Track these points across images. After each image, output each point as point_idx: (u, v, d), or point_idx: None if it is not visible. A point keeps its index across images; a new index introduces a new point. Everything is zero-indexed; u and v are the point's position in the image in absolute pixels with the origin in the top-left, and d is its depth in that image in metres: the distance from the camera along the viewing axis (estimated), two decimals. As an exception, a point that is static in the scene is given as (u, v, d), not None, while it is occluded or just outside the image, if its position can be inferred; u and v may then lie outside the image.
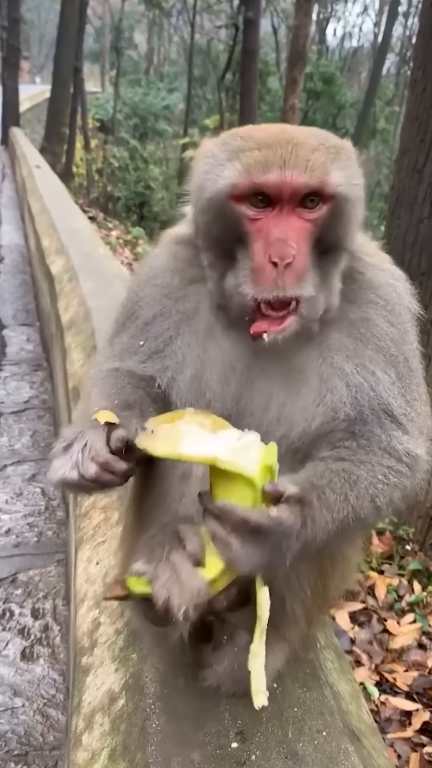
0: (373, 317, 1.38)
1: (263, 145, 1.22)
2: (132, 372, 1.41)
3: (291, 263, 1.18)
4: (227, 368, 1.38)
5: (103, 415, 1.21)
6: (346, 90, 29.36)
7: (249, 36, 13.80)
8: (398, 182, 4.98)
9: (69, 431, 1.22)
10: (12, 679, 2.64)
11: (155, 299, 1.44)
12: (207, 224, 1.31)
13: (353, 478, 1.26)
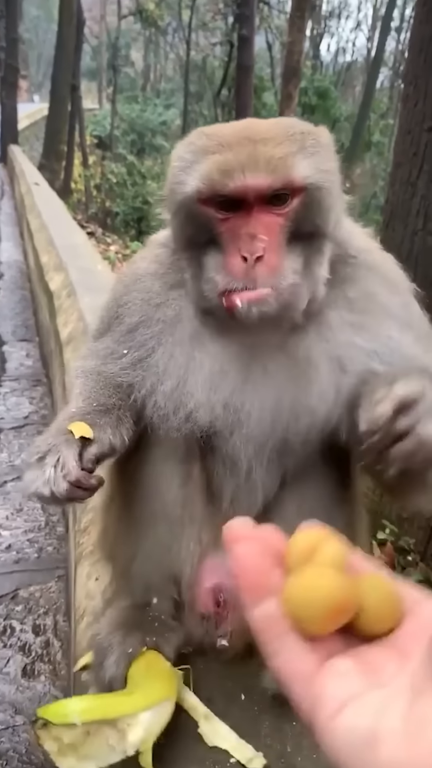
0: (373, 290, 1.35)
1: (225, 147, 1.20)
2: (113, 378, 1.40)
3: (262, 257, 1.17)
4: (216, 375, 1.35)
5: (78, 428, 1.22)
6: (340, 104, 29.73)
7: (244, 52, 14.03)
8: (392, 195, 5.02)
9: (43, 441, 1.23)
10: (13, 697, 2.63)
11: (137, 305, 1.42)
12: (180, 226, 1.32)
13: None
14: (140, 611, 1.47)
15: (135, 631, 1.39)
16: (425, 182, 4.55)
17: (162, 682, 1.28)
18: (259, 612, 0.66)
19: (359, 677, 0.62)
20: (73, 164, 23.65)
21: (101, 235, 16.54)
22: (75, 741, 1.13)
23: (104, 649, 1.37)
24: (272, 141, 1.20)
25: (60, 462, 1.17)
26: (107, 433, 1.27)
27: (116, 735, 1.16)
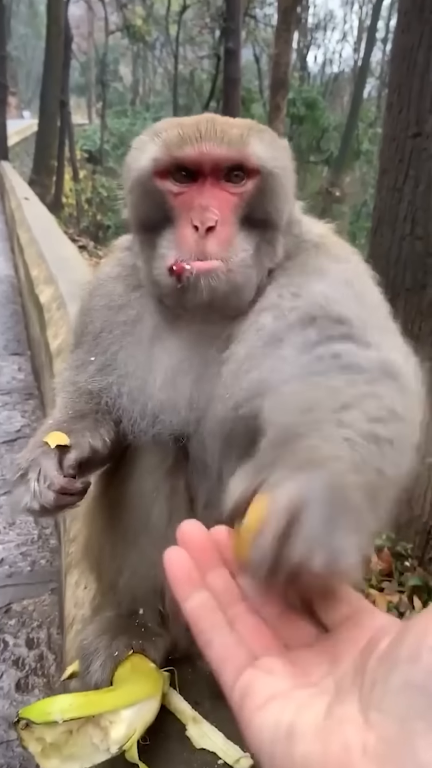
0: (315, 261, 1.33)
1: (184, 124, 1.24)
2: (85, 387, 1.41)
3: (213, 228, 1.18)
4: (175, 369, 1.34)
5: (53, 437, 1.23)
6: (328, 114, 29.95)
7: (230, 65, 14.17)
8: (380, 201, 5.07)
9: (23, 458, 1.23)
10: (7, 712, 2.61)
11: (99, 311, 1.43)
12: (135, 206, 1.32)
13: (347, 419, 1.00)
14: (126, 619, 1.47)
15: (121, 636, 1.39)
16: (411, 188, 4.60)
17: (146, 681, 1.27)
18: (191, 603, 0.73)
19: (287, 677, 0.66)
20: (64, 179, 23.78)
21: (93, 249, 16.59)
22: (58, 741, 1.12)
23: (90, 653, 1.36)
24: (228, 123, 1.25)
25: (41, 474, 1.18)
26: (86, 436, 1.28)
27: (99, 733, 1.15)
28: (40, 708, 1.14)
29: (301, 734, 0.59)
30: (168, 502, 1.41)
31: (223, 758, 1.24)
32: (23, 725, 1.12)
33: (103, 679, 1.31)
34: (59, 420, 1.32)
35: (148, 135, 1.28)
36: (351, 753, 0.55)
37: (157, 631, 1.44)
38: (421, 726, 0.52)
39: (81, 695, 1.22)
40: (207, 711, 1.34)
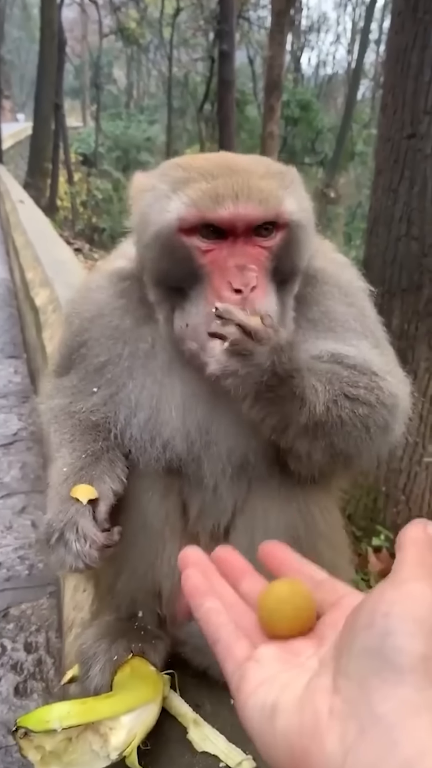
0: (332, 307, 1.38)
1: (208, 176, 1.19)
2: (86, 418, 1.39)
3: (256, 287, 1.17)
4: (189, 400, 1.35)
5: (82, 492, 1.23)
6: (323, 115, 30.02)
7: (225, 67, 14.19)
8: (375, 202, 5.07)
9: (54, 516, 1.22)
10: (6, 717, 2.59)
11: (104, 344, 1.39)
12: (154, 260, 1.27)
13: (335, 370, 1.28)
14: (125, 622, 1.46)
15: (120, 640, 1.38)
16: (407, 188, 4.60)
17: (145, 685, 1.26)
18: (203, 609, 0.81)
19: (278, 662, 0.73)
20: (59, 182, 23.77)
21: (88, 251, 16.56)
22: (57, 749, 1.11)
23: (89, 658, 1.36)
24: (256, 174, 1.20)
25: (80, 534, 1.19)
26: (106, 482, 1.29)
27: (99, 740, 1.14)
28: (39, 716, 1.13)
29: (282, 710, 0.64)
30: (163, 502, 1.41)
31: (225, 761, 1.23)
32: (22, 734, 1.11)
33: (103, 683, 1.31)
34: (75, 467, 1.31)
35: (169, 185, 1.22)
36: (319, 717, 0.60)
37: (156, 634, 1.44)
38: (375, 683, 0.57)
39: (79, 702, 1.21)
40: (208, 714, 1.33)
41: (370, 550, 4.66)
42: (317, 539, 1.39)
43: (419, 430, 4.47)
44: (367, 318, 1.43)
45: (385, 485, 4.66)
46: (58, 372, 1.51)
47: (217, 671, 1.35)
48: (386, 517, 4.76)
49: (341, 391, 1.25)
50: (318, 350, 1.33)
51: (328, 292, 1.39)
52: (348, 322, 1.38)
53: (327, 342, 1.35)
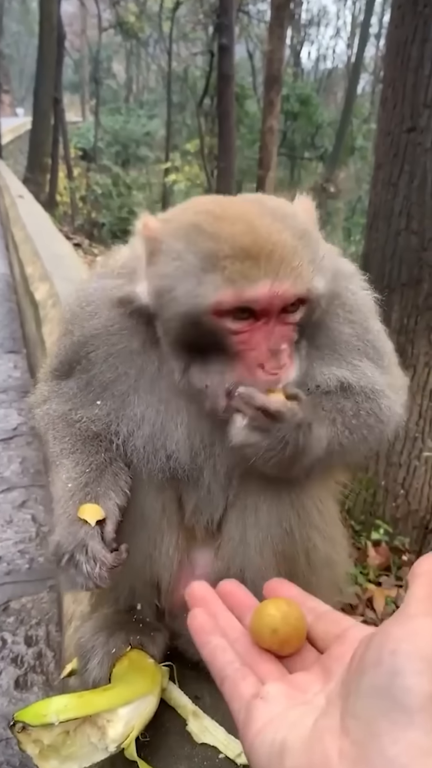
0: (336, 329, 1.39)
1: (241, 253, 1.15)
2: (88, 427, 1.39)
3: (285, 366, 1.21)
4: (195, 415, 1.35)
5: (89, 513, 1.24)
6: (322, 110, 29.97)
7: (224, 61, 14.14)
8: (375, 196, 5.06)
9: (63, 536, 1.23)
10: (6, 709, 2.60)
11: (111, 362, 1.38)
12: (176, 330, 1.25)
13: (339, 406, 1.34)
14: (124, 615, 1.47)
15: (118, 632, 1.39)
16: (406, 182, 4.59)
17: (143, 677, 1.27)
18: (209, 647, 0.83)
19: (285, 698, 0.73)
20: (58, 177, 23.69)
21: (88, 246, 16.55)
22: (55, 742, 1.12)
23: (87, 651, 1.36)
24: (286, 248, 1.17)
25: (90, 555, 1.20)
26: (112, 498, 1.29)
27: (97, 732, 1.14)
28: (36, 710, 1.13)
29: (290, 750, 0.64)
30: (159, 495, 1.42)
31: (224, 752, 1.24)
32: (19, 728, 1.11)
33: (101, 676, 1.31)
34: (80, 483, 1.31)
35: (199, 261, 1.17)
36: (329, 760, 0.60)
37: (155, 626, 1.44)
38: (385, 725, 0.57)
39: (76, 695, 1.21)
40: (207, 706, 1.34)
41: (369, 544, 4.67)
42: (311, 532, 1.39)
43: (418, 424, 4.48)
44: (369, 332, 1.44)
45: (385, 479, 4.67)
46: (55, 375, 1.49)
47: None
48: (385, 511, 4.77)
49: (345, 427, 1.33)
50: (323, 377, 1.36)
51: (333, 313, 1.38)
52: (350, 343, 1.40)
53: (331, 367, 1.37)
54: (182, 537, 1.47)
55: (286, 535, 1.36)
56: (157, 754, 1.22)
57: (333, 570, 1.47)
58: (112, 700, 1.19)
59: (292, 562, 1.37)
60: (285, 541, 1.36)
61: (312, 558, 1.39)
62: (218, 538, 1.47)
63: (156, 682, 1.27)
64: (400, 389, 1.48)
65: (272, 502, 1.38)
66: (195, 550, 1.51)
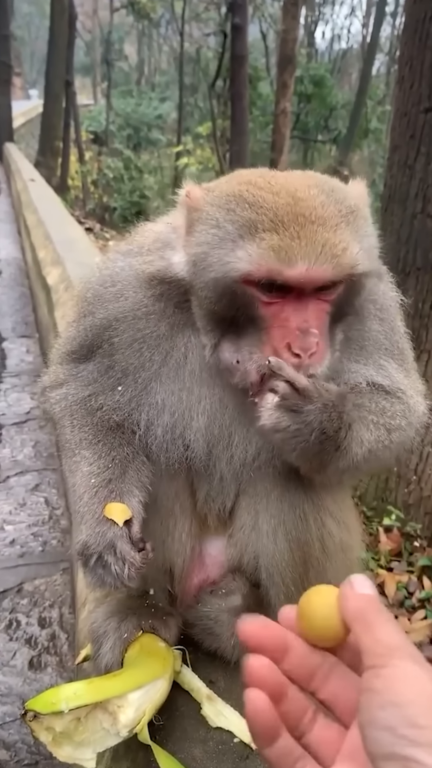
0: (367, 325, 1.38)
1: (279, 225, 1.11)
2: (109, 416, 1.37)
3: (315, 352, 1.16)
4: (216, 408, 1.34)
5: (117, 513, 1.23)
6: (336, 91, 29.50)
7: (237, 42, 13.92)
8: (390, 179, 4.98)
9: (92, 540, 1.21)
10: (20, 689, 2.63)
11: (137, 347, 1.35)
12: (210, 300, 1.22)
13: (379, 407, 1.32)
14: (136, 600, 1.47)
15: (130, 617, 1.39)
16: (423, 164, 4.51)
17: (153, 661, 1.27)
18: (272, 751, 0.74)
19: None
20: (69, 160, 23.58)
21: (100, 231, 16.50)
22: (68, 729, 1.12)
23: (99, 636, 1.37)
24: (330, 224, 1.13)
25: (119, 556, 1.20)
26: (136, 496, 1.28)
27: (108, 718, 1.15)
28: (46, 699, 1.14)
29: None
30: (172, 482, 1.43)
31: (239, 737, 1.24)
32: (31, 717, 1.12)
33: (114, 661, 1.31)
34: (103, 477, 1.29)
35: (236, 228, 1.14)
36: None
37: (168, 611, 1.44)
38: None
39: (86, 682, 1.22)
40: (222, 690, 1.34)
41: (380, 530, 4.66)
42: (325, 517, 1.38)
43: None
44: (396, 333, 1.43)
45: (397, 465, 4.64)
46: (72, 358, 1.46)
47: (226, 651, 1.36)
48: (397, 497, 4.75)
49: (385, 428, 1.31)
50: (354, 376, 1.35)
51: (365, 308, 1.36)
52: (379, 340, 1.39)
53: (359, 364, 1.36)
54: (195, 524, 1.47)
55: (300, 521, 1.35)
56: (171, 737, 1.23)
57: (347, 555, 1.46)
58: (121, 685, 1.19)
59: (307, 547, 1.37)
60: (299, 527, 1.35)
61: (326, 543, 1.38)
62: (230, 525, 1.46)
63: (167, 666, 1.28)
64: (421, 393, 1.46)
65: (284, 488, 1.37)
66: (208, 537, 1.51)
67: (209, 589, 1.47)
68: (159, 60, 51.43)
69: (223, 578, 1.47)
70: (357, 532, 1.51)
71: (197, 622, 1.42)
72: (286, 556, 1.35)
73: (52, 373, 1.51)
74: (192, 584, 1.46)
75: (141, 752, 1.21)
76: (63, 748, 1.14)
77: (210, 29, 28.60)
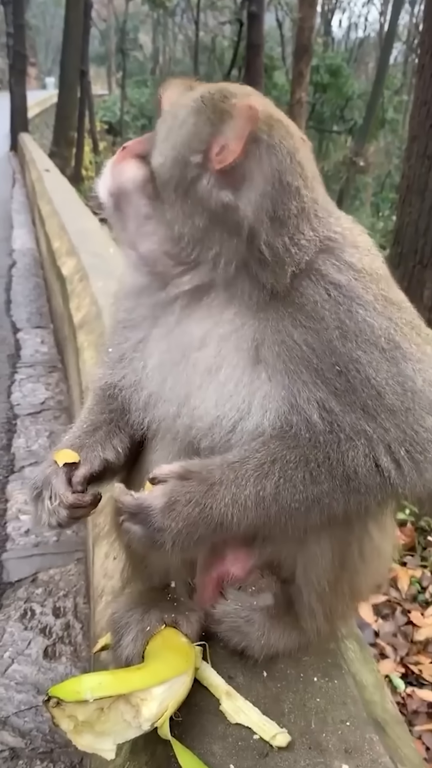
0: (321, 296, 1.20)
1: None
2: (107, 386, 1.46)
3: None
4: (177, 354, 1.31)
5: (61, 456, 1.33)
6: (353, 81, 29.17)
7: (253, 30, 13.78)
8: (408, 170, 4.92)
9: (37, 475, 1.32)
10: (35, 678, 2.65)
11: (125, 304, 1.45)
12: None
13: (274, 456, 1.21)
14: (158, 592, 1.46)
15: (153, 610, 1.38)
16: (442, 155, 4.46)
17: (177, 657, 1.26)
18: None
19: None
20: (84, 151, 23.55)
21: (114, 222, 16.45)
22: (90, 718, 1.12)
23: (121, 627, 1.36)
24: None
25: (53, 492, 1.28)
26: (97, 450, 1.37)
27: (131, 710, 1.14)
28: (70, 687, 1.13)
29: None
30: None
31: (259, 733, 1.23)
32: (54, 703, 1.12)
33: (135, 653, 1.31)
34: (74, 435, 1.41)
35: None
36: None
37: (190, 606, 1.43)
38: None
39: (110, 673, 1.21)
40: (241, 686, 1.33)
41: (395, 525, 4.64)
42: (369, 519, 1.34)
43: None
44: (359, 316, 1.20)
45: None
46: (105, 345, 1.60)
47: (254, 650, 1.34)
48: (412, 492, 4.73)
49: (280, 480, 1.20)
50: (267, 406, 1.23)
51: (323, 297, 1.20)
52: (312, 360, 1.19)
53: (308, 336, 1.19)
54: None
55: (346, 523, 1.30)
56: (190, 733, 1.22)
57: (381, 561, 1.43)
58: (146, 679, 1.18)
59: (347, 548, 1.34)
60: (343, 527, 1.31)
61: (365, 547, 1.35)
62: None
63: (190, 661, 1.27)
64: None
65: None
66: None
67: (237, 586, 1.45)
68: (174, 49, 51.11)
69: (250, 574, 1.45)
70: (392, 538, 1.47)
71: (225, 619, 1.40)
72: (327, 556, 1.33)
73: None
74: (211, 578, 1.45)
75: (160, 746, 1.21)
76: (83, 737, 1.13)
77: (225, 18, 28.32)
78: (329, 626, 1.44)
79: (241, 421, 1.23)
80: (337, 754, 1.21)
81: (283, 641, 1.40)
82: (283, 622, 1.40)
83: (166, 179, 1.20)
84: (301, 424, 1.20)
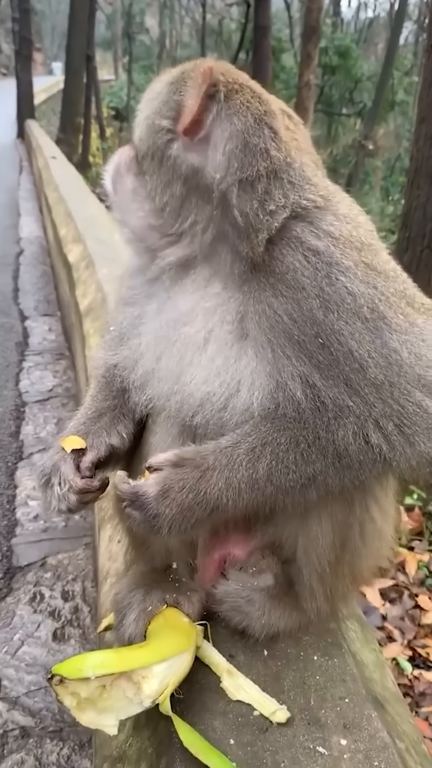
0: (301, 263, 1.18)
1: None
2: (111, 369, 1.47)
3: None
4: (170, 328, 1.32)
5: (69, 442, 1.35)
6: (362, 63, 28.74)
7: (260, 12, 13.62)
8: (417, 152, 4.87)
9: (46, 462, 1.35)
10: (45, 659, 2.69)
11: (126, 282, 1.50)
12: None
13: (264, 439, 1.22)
14: (160, 573, 1.48)
15: (155, 590, 1.40)
16: (451, 137, 4.40)
17: (178, 636, 1.28)
18: None
19: None
20: (90, 137, 23.43)
21: (121, 208, 16.39)
22: (92, 695, 1.15)
23: (124, 607, 1.39)
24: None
25: (62, 478, 1.31)
26: (102, 436, 1.40)
27: (132, 687, 1.17)
28: (73, 665, 1.16)
29: None
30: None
31: (259, 710, 1.25)
32: (57, 681, 1.14)
33: (137, 632, 1.33)
34: (79, 422, 1.43)
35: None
36: None
37: (192, 587, 1.45)
38: None
39: (112, 651, 1.24)
40: (242, 664, 1.35)
41: (402, 509, 4.65)
42: (370, 501, 1.36)
43: None
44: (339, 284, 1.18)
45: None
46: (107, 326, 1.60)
47: (255, 629, 1.37)
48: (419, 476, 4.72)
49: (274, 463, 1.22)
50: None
51: (304, 247, 1.18)
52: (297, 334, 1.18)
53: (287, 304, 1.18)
54: None
55: (346, 503, 1.32)
56: (191, 709, 1.24)
57: (381, 543, 1.44)
58: (147, 657, 1.21)
59: (348, 530, 1.35)
60: (344, 509, 1.33)
61: (366, 528, 1.37)
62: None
63: (191, 640, 1.29)
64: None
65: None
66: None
67: (238, 566, 1.47)
68: (181, 33, 50.57)
69: (251, 555, 1.46)
70: (394, 520, 1.48)
71: (226, 599, 1.43)
72: (328, 537, 1.34)
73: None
74: (212, 559, 1.47)
75: (162, 722, 1.23)
76: (86, 713, 1.16)
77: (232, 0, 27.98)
78: (329, 606, 1.45)
79: (231, 398, 1.24)
80: (336, 730, 1.23)
81: (284, 621, 1.42)
82: (283, 602, 1.42)
83: (144, 150, 1.27)
84: (287, 402, 1.20)
